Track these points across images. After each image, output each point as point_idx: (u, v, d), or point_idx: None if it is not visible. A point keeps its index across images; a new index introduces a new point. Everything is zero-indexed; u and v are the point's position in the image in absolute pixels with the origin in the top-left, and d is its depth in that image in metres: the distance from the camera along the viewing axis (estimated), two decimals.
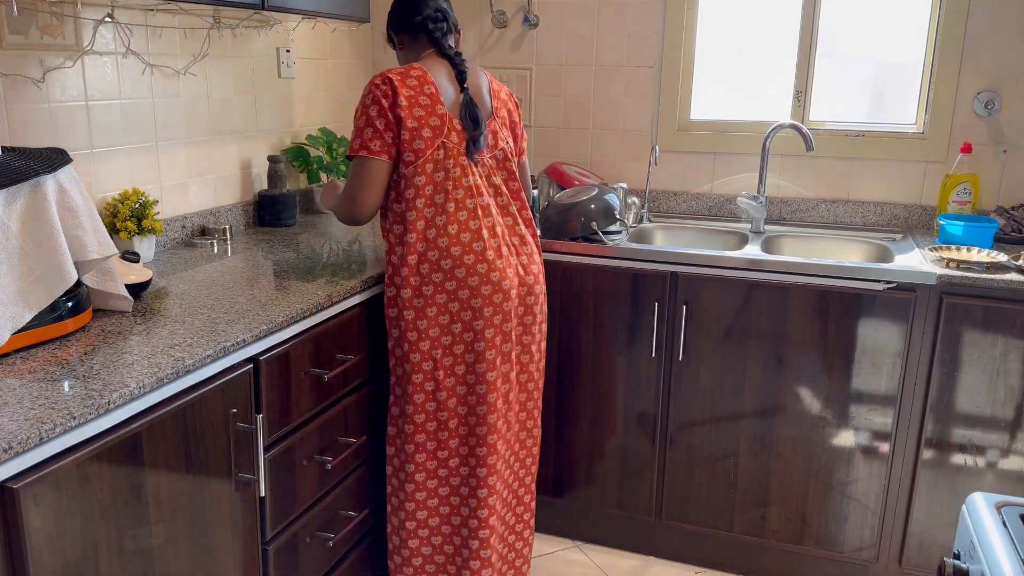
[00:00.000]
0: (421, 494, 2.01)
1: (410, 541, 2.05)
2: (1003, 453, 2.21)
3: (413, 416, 1.96)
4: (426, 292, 1.91)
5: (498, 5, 3.01)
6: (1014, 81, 2.56)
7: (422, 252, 1.90)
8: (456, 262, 1.89)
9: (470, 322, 1.93)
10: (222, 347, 1.48)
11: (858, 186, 2.78)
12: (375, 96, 1.86)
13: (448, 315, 1.92)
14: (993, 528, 1.16)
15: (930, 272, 2.16)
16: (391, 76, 1.88)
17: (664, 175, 2.97)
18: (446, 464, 2.01)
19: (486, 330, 1.94)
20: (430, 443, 1.99)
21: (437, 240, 1.89)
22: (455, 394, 1.97)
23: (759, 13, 2.86)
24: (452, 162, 1.90)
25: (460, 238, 1.90)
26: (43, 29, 1.83)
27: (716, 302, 2.34)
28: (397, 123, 1.86)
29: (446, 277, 1.90)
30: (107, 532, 1.26)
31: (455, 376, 1.96)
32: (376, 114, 1.85)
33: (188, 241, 2.31)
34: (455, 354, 1.95)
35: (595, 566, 2.56)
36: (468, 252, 1.90)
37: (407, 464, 1.99)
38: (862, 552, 2.38)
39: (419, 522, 2.03)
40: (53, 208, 1.43)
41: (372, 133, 1.85)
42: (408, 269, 1.90)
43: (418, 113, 1.87)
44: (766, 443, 2.39)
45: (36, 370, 1.34)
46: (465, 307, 1.92)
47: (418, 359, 1.93)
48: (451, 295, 1.91)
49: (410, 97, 1.86)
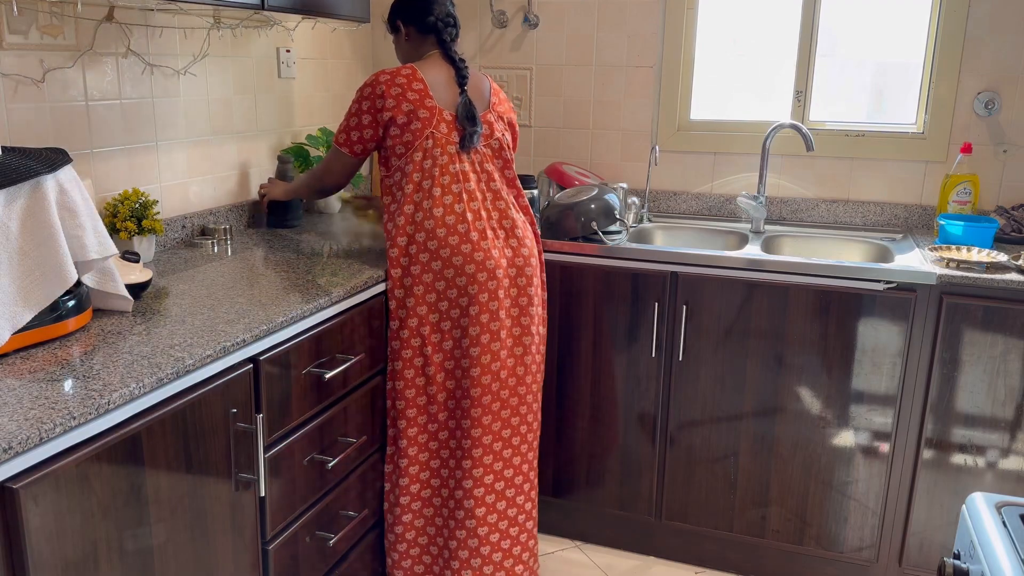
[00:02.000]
0: (414, 468, 2.10)
1: (403, 516, 2.13)
2: (1003, 453, 2.21)
3: (404, 391, 2.06)
4: (414, 272, 2.03)
5: (498, 5, 3.01)
6: (1014, 81, 2.56)
7: (411, 234, 2.02)
8: (441, 243, 2.01)
9: (456, 299, 2.04)
10: (222, 347, 1.48)
11: (858, 186, 2.78)
12: (365, 95, 2.02)
13: (435, 294, 2.03)
14: (993, 528, 1.16)
15: (930, 272, 2.16)
16: (381, 80, 2.01)
17: (664, 175, 2.97)
18: (436, 437, 2.11)
19: (471, 307, 2.04)
20: (420, 417, 2.09)
21: (424, 223, 2.02)
22: (443, 369, 2.07)
23: (759, 13, 2.86)
24: (440, 151, 2.03)
25: (445, 220, 2.02)
26: (43, 29, 1.83)
27: (716, 302, 2.34)
28: (387, 124, 2.01)
29: (432, 257, 2.02)
30: (107, 532, 1.26)
31: (443, 352, 2.06)
32: (366, 109, 2.01)
33: (188, 241, 2.31)
34: (443, 331, 2.06)
35: (595, 566, 2.56)
36: (453, 233, 2.02)
37: (399, 439, 2.09)
38: (862, 552, 2.38)
39: (412, 495, 2.13)
40: (53, 208, 1.43)
41: (355, 129, 2.04)
42: (398, 250, 2.03)
43: (407, 108, 2.00)
44: (766, 443, 2.39)
45: (36, 370, 1.34)
46: (451, 286, 2.03)
47: (407, 336, 2.04)
48: (437, 275, 2.03)
49: (398, 96, 2.00)
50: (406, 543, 2.15)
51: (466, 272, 2.02)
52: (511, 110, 2.23)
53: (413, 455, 2.09)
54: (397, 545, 2.15)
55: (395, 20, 2.15)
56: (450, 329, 2.05)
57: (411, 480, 2.10)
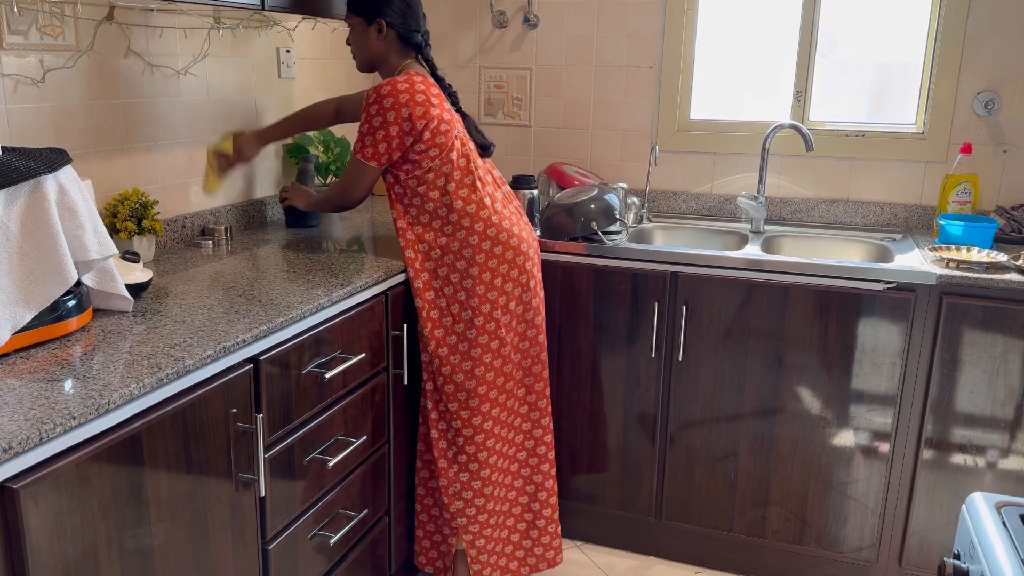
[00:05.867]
0: (500, 445, 2.23)
1: (488, 504, 2.22)
2: (1003, 453, 2.21)
3: (484, 377, 2.16)
4: (479, 261, 2.09)
5: (498, 5, 3.01)
6: (1014, 81, 2.56)
7: (468, 227, 2.08)
8: (499, 229, 2.10)
9: (517, 279, 2.17)
10: (222, 347, 1.48)
11: (858, 186, 2.78)
12: (389, 106, 1.99)
13: (501, 278, 2.13)
14: (993, 528, 1.16)
15: (930, 272, 2.16)
16: (401, 90, 2.00)
17: (664, 175, 2.97)
18: (517, 412, 2.27)
19: (530, 282, 2.21)
20: (501, 396, 2.21)
21: (479, 213, 2.09)
22: (518, 349, 2.23)
23: (759, 13, 2.86)
24: (468, 150, 2.12)
25: (496, 208, 2.12)
26: (43, 29, 1.83)
27: (716, 302, 2.34)
28: (420, 131, 2.02)
29: (493, 244, 2.10)
30: (107, 532, 1.26)
31: (516, 332, 2.21)
32: (392, 120, 2.00)
33: (188, 241, 2.31)
34: (512, 311, 2.18)
35: (595, 566, 2.56)
36: (505, 219, 2.13)
37: (485, 423, 2.17)
38: (862, 552, 2.38)
39: (502, 470, 2.25)
40: (53, 208, 1.43)
41: (383, 142, 2.02)
42: (459, 243, 2.09)
43: (435, 112, 2.03)
44: (766, 443, 2.39)
45: (36, 370, 1.34)
46: (513, 267, 2.15)
47: (481, 323, 2.13)
48: (501, 259, 2.12)
49: (424, 103, 2.02)
50: (498, 514, 2.25)
51: (521, 251, 2.15)
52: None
53: (501, 434, 2.21)
54: (490, 520, 2.23)
55: (375, 15, 2.07)
56: (515, 308, 2.18)
57: (499, 456, 2.21)
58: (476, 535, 2.21)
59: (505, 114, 3.10)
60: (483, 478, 2.18)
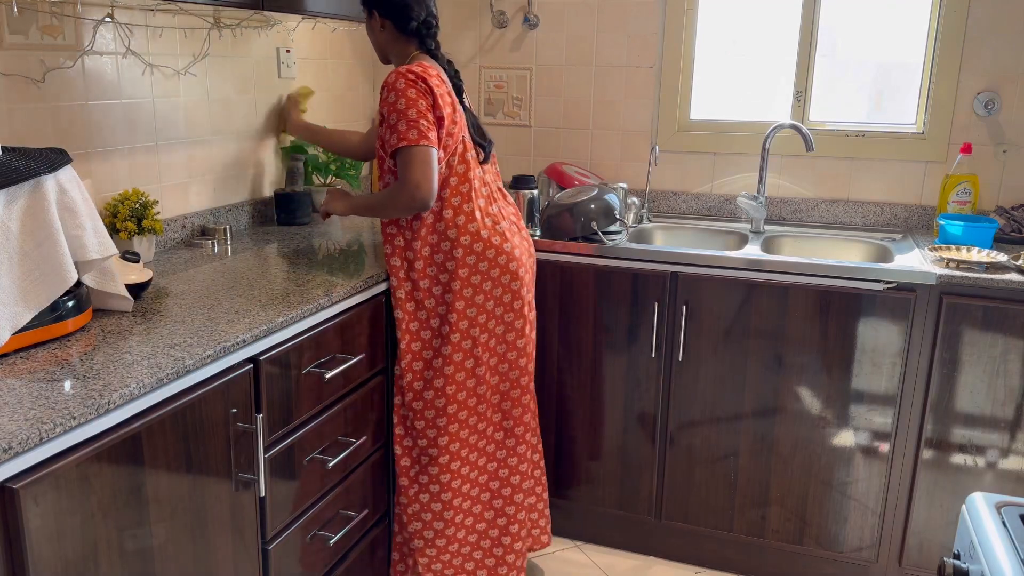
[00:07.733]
0: (464, 468, 2.13)
1: (455, 517, 2.14)
2: (1003, 453, 2.21)
3: (454, 395, 2.07)
4: (462, 275, 2.01)
5: (498, 5, 3.01)
6: (1014, 81, 2.56)
7: (453, 238, 2.00)
8: (486, 244, 2.02)
9: (501, 297, 2.07)
10: (222, 347, 1.48)
11: (858, 186, 2.78)
12: (412, 82, 1.89)
13: (483, 294, 2.04)
14: (993, 528, 1.16)
15: (930, 272, 2.16)
16: (417, 73, 1.90)
17: (664, 175, 2.97)
18: (484, 434, 2.16)
19: (514, 302, 2.10)
20: (471, 418, 2.11)
21: (467, 225, 2.00)
22: (489, 366, 2.11)
23: (759, 13, 2.86)
24: (469, 154, 2.02)
25: (485, 222, 2.04)
26: (43, 29, 1.83)
27: (716, 302, 2.34)
28: (436, 121, 1.94)
29: (479, 259, 2.02)
30: (107, 532, 1.26)
31: (490, 350, 2.10)
32: (423, 95, 1.90)
33: (188, 241, 2.31)
34: (490, 330, 2.09)
35: (595, 566, 2.56)
36: (495, 234, 2.04)
37: (439, 439, 2.08)
38: (862, 552, 2.38)
39: (463, 495, 2.15)
40: (53, 208, 1.43)
41: (423, 117, 1.89)
42: (442, 255, 2.01)
43: (447, 102, 1.95)
44: (766, 443, 2.39)
45: (36, 370, 1.34)
46: (497, 284, 2.06)
47: (457, 339, 2.05)
48: (484, 275, 2.03)
49: (442, 95, 1.93)
50: (457, 543, 2.15)
51: (510, 270, 2.06)
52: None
53: (469, 458, 2.12)
54: (448, 547, 2.14)
55: (371, 6, 2.04)
56: (495, 327, 2.09)
57: (463, 480, 2.12)
58: (433, 559, 2.13)
59: (505, 114, 3.10)
60: (443, 501, 2.09)
